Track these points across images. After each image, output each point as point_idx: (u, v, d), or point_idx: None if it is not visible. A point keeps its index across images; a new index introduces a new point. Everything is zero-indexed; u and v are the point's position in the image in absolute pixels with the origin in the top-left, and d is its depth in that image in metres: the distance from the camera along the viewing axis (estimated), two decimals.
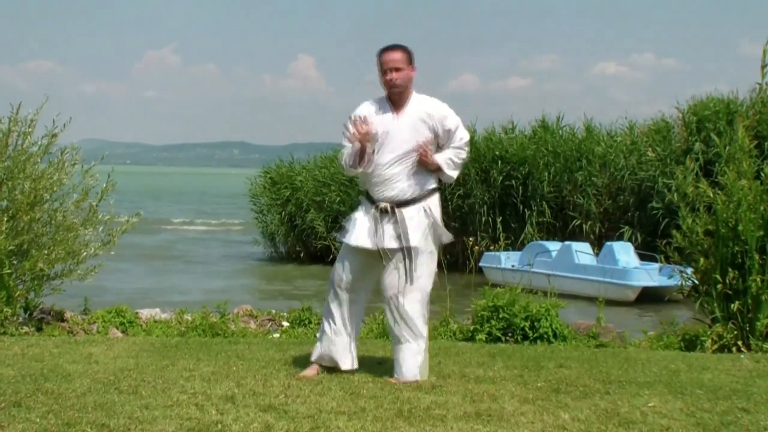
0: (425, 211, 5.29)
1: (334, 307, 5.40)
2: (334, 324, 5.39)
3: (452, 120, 5.35)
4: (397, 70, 5.25)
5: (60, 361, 5.74)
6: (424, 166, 5.27)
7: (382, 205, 5.24)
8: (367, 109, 5.36)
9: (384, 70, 5.28)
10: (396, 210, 5.22)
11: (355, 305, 5.41)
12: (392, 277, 5.25)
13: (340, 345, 5.39)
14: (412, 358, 5.26)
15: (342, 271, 5.37)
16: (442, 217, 5.44)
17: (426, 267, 5.29)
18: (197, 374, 5.31)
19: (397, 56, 5.27)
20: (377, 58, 5.33)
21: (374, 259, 5.30)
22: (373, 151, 5.23)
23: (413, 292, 5.23)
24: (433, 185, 5.38)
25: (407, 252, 5.20)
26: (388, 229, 5.23)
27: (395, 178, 5.25)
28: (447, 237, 5.39)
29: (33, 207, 8.00)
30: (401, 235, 5.20)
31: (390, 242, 5.21)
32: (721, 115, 20.59)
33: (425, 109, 5.31)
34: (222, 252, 28.80)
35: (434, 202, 5.36)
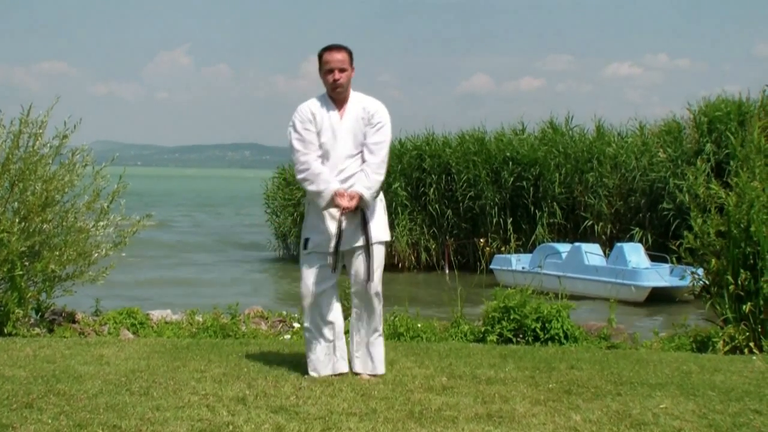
0: (380, 203, 5.40)
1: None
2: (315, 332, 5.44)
3: (381, 115, 5.32)
4: (342, 70, 5.27)
5: (71, 363, 5.75)
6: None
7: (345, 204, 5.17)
8: (315, 109, 5.35)
9: (328, 70, 5.28)
10: (359, 209, 5.22)
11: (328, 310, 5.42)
12: (360, 269, 5.29)
13: (320, 353, 5.39)
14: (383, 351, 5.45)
15: (310, 281, 5.37)
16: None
17: (380, 258, 5.35)
18: (208, 375, 5.31)
19: (341, 56, 5.28)
20: (319, 58, 5.34)
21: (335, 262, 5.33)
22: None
23: (374, 283, 5.28)
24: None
25: (370, 245, 5.25)
26: (350, 228, 5.26)
27: (349, 179, 5.26)
28: (387, 234, 5.42)
29: (44, 208, 8.03)
30: (367, 230, 5.24)
31: (354, 241, 5.26)
32: (732, 116, 20.52)
33: (362, 105, 5.34)
34: (234, 252, 28.83)
35: (381, 195, 5.43)
